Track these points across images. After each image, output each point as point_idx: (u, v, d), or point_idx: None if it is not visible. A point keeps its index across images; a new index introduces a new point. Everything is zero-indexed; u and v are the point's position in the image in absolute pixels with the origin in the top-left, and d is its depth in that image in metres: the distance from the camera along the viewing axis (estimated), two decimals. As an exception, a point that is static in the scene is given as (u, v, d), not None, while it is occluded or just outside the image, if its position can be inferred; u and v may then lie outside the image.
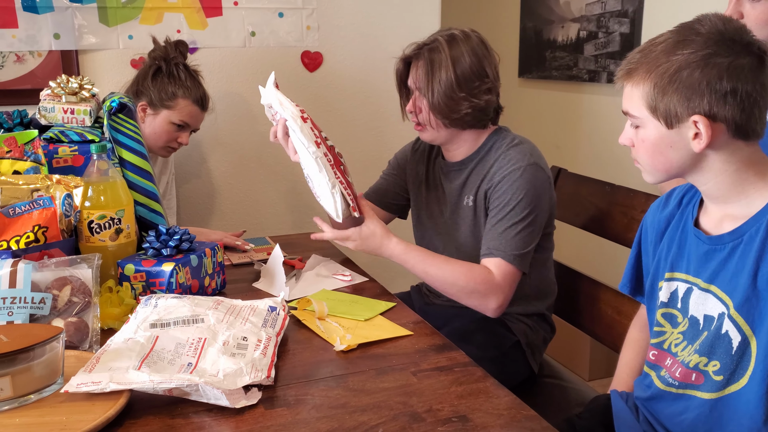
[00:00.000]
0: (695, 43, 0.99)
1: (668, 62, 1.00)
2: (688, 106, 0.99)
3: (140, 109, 1.93)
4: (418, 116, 1.59)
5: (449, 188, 1.68)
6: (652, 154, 1.06)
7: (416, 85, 1.57)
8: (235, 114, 2.38)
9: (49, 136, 1.50)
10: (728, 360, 1.03)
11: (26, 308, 1.14)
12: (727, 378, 1.04)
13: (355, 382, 1.05)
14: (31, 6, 2.07)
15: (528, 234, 1.50)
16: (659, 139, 1.04)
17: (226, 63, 2.33)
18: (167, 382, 0.95)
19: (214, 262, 1.43)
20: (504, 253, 1.48)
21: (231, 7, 2.29)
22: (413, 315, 1.34)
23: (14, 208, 1.28)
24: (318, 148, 1.42)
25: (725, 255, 1.05)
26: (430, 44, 1.55)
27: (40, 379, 0.97)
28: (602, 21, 2.75)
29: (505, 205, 1.51)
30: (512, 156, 1.54)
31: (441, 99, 1.53)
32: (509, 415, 0.95)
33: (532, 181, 1.51)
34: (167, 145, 1.97)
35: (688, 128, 1.01)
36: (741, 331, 1.02)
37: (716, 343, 1.05)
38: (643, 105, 1.04)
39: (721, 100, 0.98)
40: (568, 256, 1.98)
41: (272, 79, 1.43)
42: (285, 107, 1.41)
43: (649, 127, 1.05)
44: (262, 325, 1.16)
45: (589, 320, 1.68)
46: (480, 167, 1.61)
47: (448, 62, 1.52)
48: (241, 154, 2.43)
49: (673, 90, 1.00)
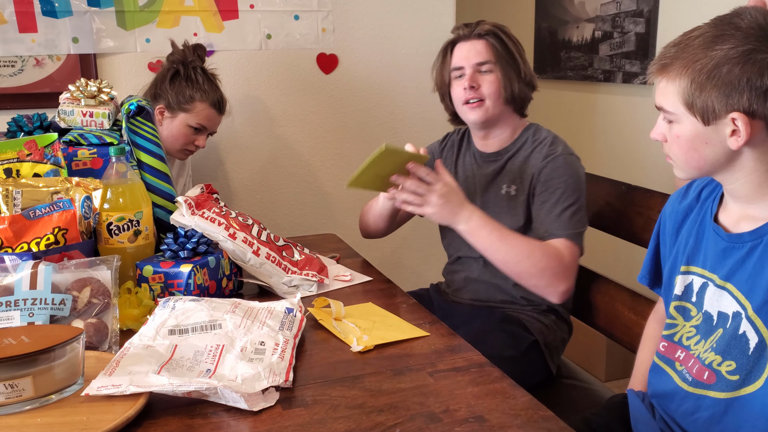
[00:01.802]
0: (735, 38, 0.96)
1: (706, 57, 0.98)
2: (726, 102, 0.97)
3: (158, 112, 1.94)
4: (478, 91, 1.63)
5: (481, 177, 1.71)
6: (686, 150, 1.05)
7: (483, 58, 1.63)
8: (252, 116, 2.40)
9: (68, 139, 1.52)
10: (744, 360, 1.03)
11: (47, 309, 1.16)
12: (743, 378, 1.03)
13: (372, 382, 1.06)
14: (50, 10, 2.09)
15: (581, 217, 1.55)
16: (695, 135, 1.03)
17: (243, 66, 2.34)
18: (186, 385, 0.96)
19: (231, 263, 1.44)
20: (565, 233, 1.51)
21: (247, 10, 2.30)
22: (429, 315, 1.34)
23: (34, 211, 1.29)
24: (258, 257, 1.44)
25: (744, 254, 1.04)
26: (482, 24, 1.66)
27: (61, 380, 0.98)
28: (617, 21, 2.73)
29: (556, 189, 1.55)
30: (553, 146, 1.61)
31: (515, 67, 1.63)
32: (526, 415, 0.95)
33: (575, 168, 1.58)
34: (184, 148, 1.99)
35: (725, 125, 0.99)
36: (759, 333, 1.01)
37: (732, 344, 1.04)
38: (679, 101, 1.02)
39: (761, 97, 0.96)
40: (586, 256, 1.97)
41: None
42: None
43: (684, 123, 1.03)
44: (279, 328, 1.16)
45: (606, 321, 1.67)
46: (517, 156, 1.66)
47: (513, 37, 1.67)
48: (258, 156, 2.44)
49: (711, 86, 0.98)
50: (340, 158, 2.54)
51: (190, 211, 1.42)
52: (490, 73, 1.63)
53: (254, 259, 1.43)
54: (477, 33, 1.65)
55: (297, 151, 2.50)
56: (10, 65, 2.10)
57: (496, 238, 1.47)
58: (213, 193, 1.54)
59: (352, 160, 2.55)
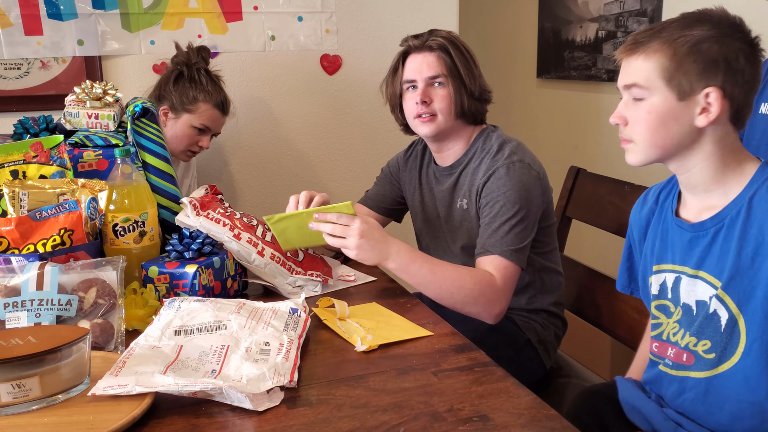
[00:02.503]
0: (710, 23, 1.03)
1: (686, 36, 1.03)
2: (703, 77, 1.02)
3: (162, 113, 1.95)
4: (430, 105, 1.60)
5: (440, 192, 1.70)
6: (655, 127, 1.07)
7: (435, 72, 1.59)
8: (256, 118, 2.40)
9: (74, 140, 1.53)
10: (718, 338, 1.07)
11: (53, 310, 1.16)
12: (719, 356, 1.07)
13: (376, 382, 1.06)
14: (55, 13, 2.10)
15: (521, 230, 1.50)
16: (666, 110, 1.05)
17: (247, 67, 2.35)
18: (192, 385, 0.97)
19: (236, 263, 1.45)
20: (500, 250, 1.47)
21: (251, 12, 2.31)
22: (433, 315, 1.35)
23: (41, 212, 1.30)
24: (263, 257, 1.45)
25: (708, 240, 1.08)
26: (437, 34, 1.61)
27: (68, 380, 0.99)
28: (621, 20, 2.73)
29: (495, 203, 1.52)
30: (498, 155, 1.57)
31: (467, 81, 1.59)
32: (530, 414, 0.95)
33: (518, 178, 1.52)
34: (188, 149, 2.00)
35: (696, 103, 1.03)
36: (728, 310, 1.05)
37: (704, 323, 1.08)
38: (656, 75, 1.05)
39: (734, 77, 1.01)
40: (587, 256, 1.98)
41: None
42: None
43: (657, 97, 1.06)
44: (284, 329, 1.17)
45: (610, 321, 1.67)
46: (468, 169, 1.64)
47: (466, 48, 1.62)
48: (262, 158, 2.45)
49: (691, 61, 1.02)
50: (344, 159, 2.55)
51: (195, 212, 1.43)
52: (442, 87, 1.59)
53: (259, 260, 1.44)
54: (428, 45, 1.60)
55: (301, 152, 2.51)
56: (16, 68, 2.11)
57: (427, 271, 1.42)
58: (217, 194, 1.55)
59: (355, 160, 2.56)
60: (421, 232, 1.81)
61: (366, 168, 2.57)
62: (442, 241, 1.71)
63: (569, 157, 2.88)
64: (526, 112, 3.27)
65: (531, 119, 3.28)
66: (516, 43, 3.41)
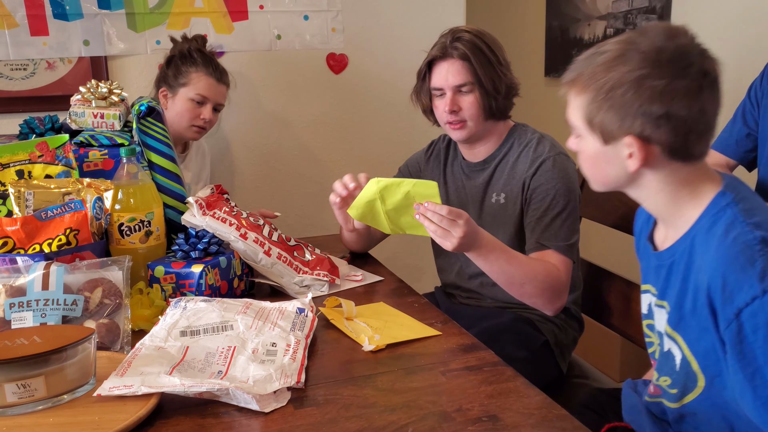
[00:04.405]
0: (633, 61, 0.93)
1: (605, 78, 0.95)
2: (621, 125, 0.95)
3: (161, 96, 1.97)
4: (459, 113, 1.59)
5: (472, 188, 1.68)
6: (590, 167, 1.04)
7: (461, 81, 1.57)
8: (262, 117, 2.40)
9: (79, 140, 1.53)
10: (675, 376, 1.03)
11: (59, 310, 1.16)
12: (681, 391, 1.03)
13: (384, 381, 1.05)
14: (61, 13, 2.10)
15: (572, 223, 1.52)
16: (596, 153, 1.01)
17: (253, 66, 2.34)
18: (198, 385, 0.96)
19: (242, 263, 1.44)
20: (555, 245, 1.49)
21: (257, 11, 2.30)
22: (441, 315, 1.34)
23: (46, 212, 1.30)
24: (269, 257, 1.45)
25: (666, 272, 1.03)
26: (460, 40, 1.57)
27: (73, 380, 0.98)
28: (629, 18, 2.71)
29: (545, 196, 1.53)
30: (539, 148, 1.58)
31: (495, 82, 1.56)
32: (540, 414, 0.94)
33: (564, 171, 1.55)
34: (192, 125, 1.98)
35: (622, 146, 0.97)
36: (680, 349, 1.01)
37: (662, 361, 1.05)
38: (580, 118, 1.00)
39: (654, 123, 0.93)
40: (598, 255, 1.96)
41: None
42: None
43: (587, 139, 1.01)
44: (291, 329, 1.16)
45: (621, 320, 1.65)
46: (504, 163, 1.63)
47: (491, 48, 1.58)
48: (268, 157, 2.44)
49: (608, 107, 0.95)
50: (351, 158, 2.54)
51: (201, 212, 1.42)
52: (470, 94, 1.58)
53: (266, 259, 1.43)
54: (452, 53, 1.58)
55: (307, 151, 2.50)
56: (22, 68, 2.11)
57: (504, 261, 1.42)
58: (223, 193, 1.54)
59: (362, 160, 2.55)
60: None
61: (373, 167, 2.56)
62: None
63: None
64: (534, 112, 3.25)
65: (539, 118, 3.25)
66: (523, 41, 3.40)
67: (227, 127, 2.36)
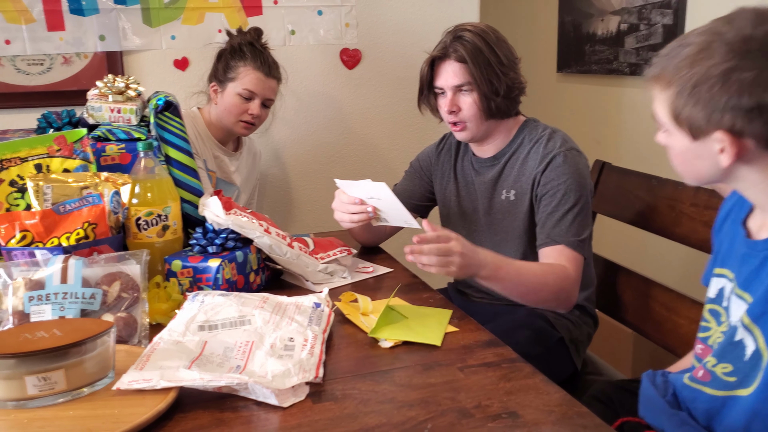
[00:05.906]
0: (718, 54, 0.90)
1: (689, 73, 0.92)
2: (709, 121, 0.92)
3: (212, 91, 1.98)
4: (459, 114, 1.58)
5: (481, 184, 1.68)
6: (680, 163, 1.02)
7: (460, 81, 1.56)
8: (274, 112, 2.40)
9: (97, 134, 1.53)
10: (740, 365, 1.00)
11: (77, 303, 1.16)
12: (740, 380, 1.00)
13: (401, 377, 1.05)
14: (77, 9, 2.11)
15: (583, 218, 1.52)
16: (685, 149, 0.98)
17: (266, 62, 2.34)
18: (217, 380, 0.96)
19: (259, 258, 1.44)
20: (566, 240, 1.48)
21: (271, 6, 2.31)
22: (458, 311, 1.33)
23: (65, 206, 1.30)
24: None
25: (758, 263, 0.99)
26: (460, 40, 1.55)
27: (93, 373, 0.99)
28: (644, 12, 2.70)
29: (556, 191, 1.52)
30: (550, 144, 1.57)
31: (495, 83, 1.55)
32: (560, 411, 0.94)
33: (575, 166, 1.53)
34: (239, 120, 1.98)
35: (713, 141, 0.94)
36: (756, 341, 0.97)
37: (728, 349, 1.01)
38: (666, 114, 0.97)
39: (745, 116, 0.89)
40: (613, 251, 1.95)
41: None
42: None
43: (675, 135, 0.99)
44: (308, 324, 1.16)
45: (636, 317, 1.64)
46: (514, 159, 1.62)
47: (492, 47, 1.55)
48: (280, 153, 2.44)
49: (694, 102, 0.92)
50: (364, 154, 2.54)
51: (224, 211, 1.42)
52: (470, 94, 1.57)
53: (290, 252, 1.43)
54: (450, 55, 1.57)
55: (320, 147, 2.50)
56: (39, 63, 2.12)
57: (514, 274, 1.40)
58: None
59: (375, 156, 2.54)
60: (454, 227, 1.77)
61: (386, 163, 2.56)
62: (480, 235, 1.69)
63: (591, 153, 2.83)
64: (547, 108, 3.24)
65: (551, 115, 3.24)
66: (536, 37, 3.38)
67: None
